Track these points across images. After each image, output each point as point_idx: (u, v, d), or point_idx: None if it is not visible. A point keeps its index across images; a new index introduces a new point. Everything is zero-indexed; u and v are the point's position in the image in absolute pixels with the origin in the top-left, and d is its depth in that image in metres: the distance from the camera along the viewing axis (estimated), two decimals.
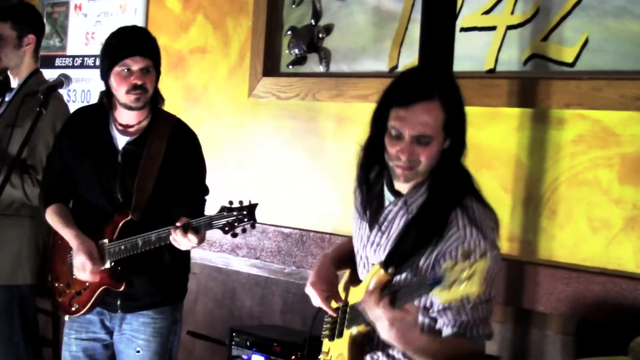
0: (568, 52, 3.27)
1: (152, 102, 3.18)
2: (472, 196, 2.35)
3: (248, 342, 3.83)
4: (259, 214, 2.89)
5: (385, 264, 2.28)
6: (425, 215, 2.32)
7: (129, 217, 3.12)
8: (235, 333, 3.90)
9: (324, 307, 2.52)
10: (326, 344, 2.56)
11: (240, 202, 2.90)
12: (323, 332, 2.57)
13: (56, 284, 3.35)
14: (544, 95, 3.28)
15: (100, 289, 3.18)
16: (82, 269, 3.14)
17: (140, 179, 3.12)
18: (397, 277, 2.29)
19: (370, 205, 2.45)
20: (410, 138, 2.27)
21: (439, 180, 2.33)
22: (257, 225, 2.91)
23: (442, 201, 2.30)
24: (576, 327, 3.16)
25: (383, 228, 2.41)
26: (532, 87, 3.32)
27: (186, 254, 3.29)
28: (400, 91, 2.32)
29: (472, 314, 2.27)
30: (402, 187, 2.39)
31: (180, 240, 2.94)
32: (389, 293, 2.19)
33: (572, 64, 3.26)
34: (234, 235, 2.91)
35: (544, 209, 3.29)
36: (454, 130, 2.32)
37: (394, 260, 2.30)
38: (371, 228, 2.45)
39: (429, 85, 2.30)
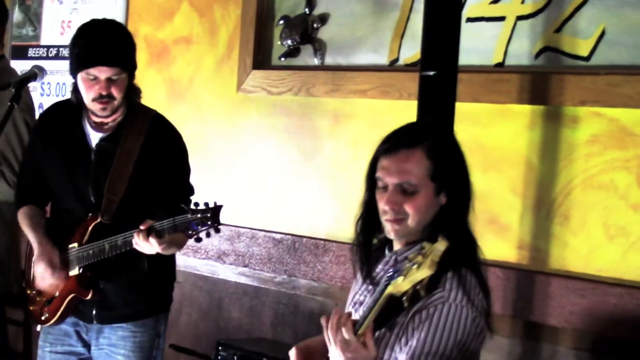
0: (583, 45, 3.26)
1: (127, 95, 3.16)
2: (468, 269, 2.33)
3: (236, 357, 3.82)
4: (249, 219, 2.89)
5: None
6: None
7: (98, 220, 3.11)
8: (221, 347, 3.89)
9: None
10: None
11: (206, 204, 2.88)
12: None
13: (28, 291, 3.35)
14: (556, 92, 3.28)
15: (70, 297, 3.17)
16: (42, 278, 3.15)
17: (112, 179, 3.11)
18: (376, 334, 2.29)
19: (366, 264, 2.49)
20: (393, 187, 2.34)
21: (433, 240, 2.33)
22: (248, 230, 2.89)
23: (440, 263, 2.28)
24: (591, 343, 3.15)
25: (370, 287, 2.45)
26: (544, 83, 3.31)
27: (169, 261, 3.27)
28: (386, 141, 2.41)
29: None
30: (397, 245, 2.44)
31: (142, 244, 2.93)
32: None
33: (588, 58, 3.25)
34: (198, 239, 2.91)
35: (556, 215, 3.29)
36: (448, 183, 2.35)
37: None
38: (362, 285, 2.50)
39: (413, 134, 2.39)
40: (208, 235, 2.91)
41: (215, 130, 4.45)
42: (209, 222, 2.85)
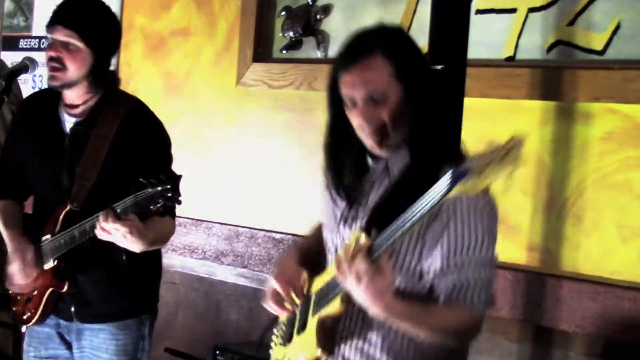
0: (597, 39, 3.26)
1: (103, 80, 3.15)
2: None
3: None
4: (248, 218, 2.88)
5: (366, 229, 2.27)
6: (409, 175, 2.33)
7: (68, 207, 3.10)
8: (219, 351, 3.89)
9: (280, 310, 2.51)
10: (279, 352, 2.54)
11: (165, 175, 2.85)
12: (274, 342, 2.56)
13: (10, 292, 3.34)
14: (569, 87, 3.28)
15: (48, 291, 3.16)
16: (14, 276, 3.16)
17: (84, 164, 3.10)
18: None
19: (344, 182, 2.47)
20: (362, 101, 2.32)
21: (417, 135, 2.33)
22: (247, 230, 2.88)
23: (427, 157, 2.29)
24: (603, 348, 3.15)
25: (361, 199, 2.43)
26: (556, 78, 3.31)
27: (152, 255, 3.24)
28: (341, 56, 2.39)
29: (474, 275, 2.26)
30: (383, 153, 2.41)
31: (100, 230, 2.89)
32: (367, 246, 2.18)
33: (602, 52, 3.25)
34: (157, 212, 2.89)
35: (568, 215, 3.29)
36: (416, 79, 2.34)
37: (376, 223, 2.28)
38: (348, 204, 2.47)
39: (366, 42, 2.36)
40: (171, 209, 2.91)
41: (213, 125, 4.45)
42: (169, 195, 2.83)
